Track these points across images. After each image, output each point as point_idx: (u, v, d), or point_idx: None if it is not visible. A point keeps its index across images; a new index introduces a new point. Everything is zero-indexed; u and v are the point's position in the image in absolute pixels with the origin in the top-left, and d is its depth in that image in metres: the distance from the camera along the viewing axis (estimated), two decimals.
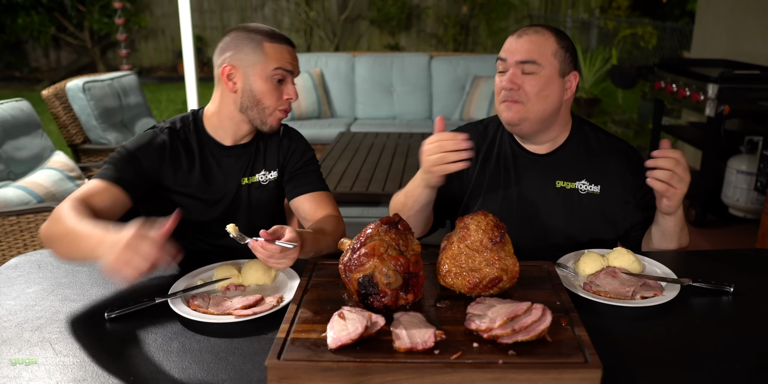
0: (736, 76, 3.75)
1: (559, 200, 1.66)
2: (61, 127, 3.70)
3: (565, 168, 1.67)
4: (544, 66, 1.56)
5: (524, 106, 1.57)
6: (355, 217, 3.13)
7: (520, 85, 1.56)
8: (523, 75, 1.56)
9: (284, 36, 1.64)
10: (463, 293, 1.28)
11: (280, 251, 1.33)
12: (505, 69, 1.60)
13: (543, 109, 1.58)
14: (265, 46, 1.59)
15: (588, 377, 0.99)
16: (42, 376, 1.08)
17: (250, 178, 1.72)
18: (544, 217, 1.67)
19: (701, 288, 1.38)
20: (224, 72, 1.60)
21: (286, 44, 1.62)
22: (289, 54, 1.62)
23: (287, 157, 1.76)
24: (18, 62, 9.89)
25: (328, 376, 1.00)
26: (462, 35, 9.68)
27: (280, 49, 1.60)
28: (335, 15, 9.69)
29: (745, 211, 3.82)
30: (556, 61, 1.57)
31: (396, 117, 5.55)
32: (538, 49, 1.56)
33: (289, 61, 1.62)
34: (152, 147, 1.61)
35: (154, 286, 1.40)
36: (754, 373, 1.10)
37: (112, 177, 1.53)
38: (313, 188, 1.74)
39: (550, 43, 1.57)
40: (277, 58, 1.60)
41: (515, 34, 1.60)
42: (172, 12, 9.77)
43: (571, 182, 1.66)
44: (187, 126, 1.67)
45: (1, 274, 1.50)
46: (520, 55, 1.56)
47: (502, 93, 1.59)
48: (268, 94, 1.61)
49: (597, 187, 1.66)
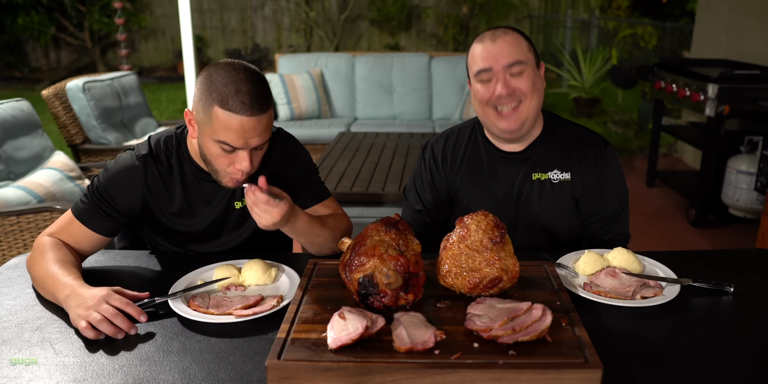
0: (736, 76, 3.75)
1: (534, 192, 1.69)
2: (61, 127, 3.71)
3: (538, 161, 1.70)
4: (527, 62, 1.58)
5: (522, 106, 1.59)
6: (355, 217, 3.13)
7: (515, 88, 1.57)
8: (512, 77, 1.57)
9: (245, 101, 1.33)
10: (463, 293, 1.28)
11: (265, 202, 1.32)
12: (490, 78, 1.58)
13: (537, 104, 1.61)
14: (215, 110, 1.34)
15: (588, 377, 0.99)
16: (42, 376, 1.08)
17: (242, 200, 1.61)
18: (524, 210, 1.70)
19: (701, 288, 1.38)
20: (186, 115, 1.46)
21: (242, 114, 1.33)
22: (240, 127, 1.34)
23: (283, 172, 1.65)
24: (18, 62, 9.89)
25: (328, 376, 1.00)
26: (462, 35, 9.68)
27: (229, 119, 1.34)
28: (335, 15, 9.69)
29: (745, 211, 3.82)
30: (531, 55, 1.59)
31: (396, 117, 5.55)
32: (517, 49, 1.57)
33: (237, 136, 1.35)
34: (127, 182, 1.52)
35: (154, 287, 1.40)
36: (754, 373, 1.10)
37: (86, 218, 1.51)
38: (315, 200, 1.67)
39: (521, 40, 1.59)
40: (222, 130, 1.35)
41: (485, 40, 1.59)
42: (172, 12, 9.77)
43: (544, 173, 1.69)
44: (170, 149, 1.56)
45: (1, 274, 1.50)
46: (505, 58, 1.56)
47: (496, 101, 1.58)
48: (217, 159, 1.42)
49: (567, 174, 1.69)
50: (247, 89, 1.34)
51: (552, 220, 1.70)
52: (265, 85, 1.39)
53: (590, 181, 1.68)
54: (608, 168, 1.69)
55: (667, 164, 5.43)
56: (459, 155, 1.76)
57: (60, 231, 1.51)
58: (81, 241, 1.51)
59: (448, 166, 1.75)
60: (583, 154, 1.68)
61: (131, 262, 1.57)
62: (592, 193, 1.69)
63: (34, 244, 1.48)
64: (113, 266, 1.56)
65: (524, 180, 1.69)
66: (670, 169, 5.25)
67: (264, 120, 1.37)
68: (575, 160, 1.68)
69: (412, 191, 1.82)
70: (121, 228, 1.57)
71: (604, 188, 1.69)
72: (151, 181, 1.54)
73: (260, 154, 1.46)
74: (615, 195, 1.71)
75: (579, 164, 1.68)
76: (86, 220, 1.51)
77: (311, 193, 1.68)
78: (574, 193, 1.69)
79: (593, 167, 1.68)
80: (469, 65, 1.63)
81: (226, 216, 1.63)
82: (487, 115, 1.63)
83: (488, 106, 1.61)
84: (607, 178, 1.69)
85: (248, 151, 1.40)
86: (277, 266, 1.47)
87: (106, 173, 1.54)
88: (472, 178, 1.73)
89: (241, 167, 1.41)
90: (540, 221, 1.70)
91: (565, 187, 1.68)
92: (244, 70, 1.37)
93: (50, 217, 2.50)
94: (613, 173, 1.70)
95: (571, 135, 1.71)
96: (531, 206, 1.69)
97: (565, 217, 1.70)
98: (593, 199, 1.70)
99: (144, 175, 1.53)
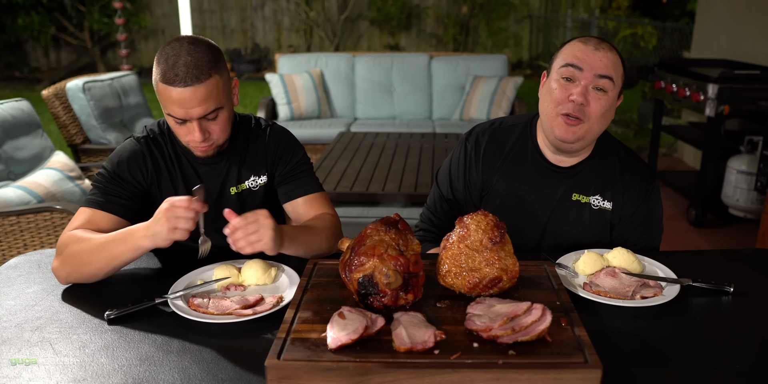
0: (736, 76, 3.75)
1: (571, 212, 1.64)
2: (61, 127, 3.70)
3: (582, 182, 1.64)
4: (616, 85, 1.49)
5: (584, 125, 1.50)
6: (355, 217, 3.13)
7: (590, 102, 1.48)
8: (594, 90, 1.48)
9: (179, 73, 1.37)
10: (463, 293, 1.28)
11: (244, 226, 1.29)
12: (575, 78, 1.49)
13: (599, 130, 1.53)
14: (158, 85, 1.41)
15: (588, 377, 0.99)
16: (42, 376, 1.08)
17: (239, 186, 1.65)
18: (555, 228, 1.66)
19: (701, 288, 1.38)
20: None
21: (176, 85, 1.38)
22: (178, 98, 1.39)
23: (275, 161, 1.68)
24: (18, 62, 9.89)
25: (328, 376, 1.00)
26: (462, 35, 9.68)
27: (166, 91, 1.40)
28: (335, 15, 9.69)
29: (745, 211, 3.82)
30: (620, 82, 1.52)
31: (396, 117, 5.55)
32: (615, 66, 1.48)
33: (178, 107, 1.40)
34: (131, 160, 1.56)
35: (154, 287, 1.40)
36: (753, 373, 1.10)
37: (101, 203, 1.51)
38: (305, 191, 1.67)
39: (620, 63, 1.51)
40: (166, 103, 1.42)
41: (588, 43, 1.50)
42: (172, 12, 9.77)
43: (586, 196, 1.64)
44: (164, 133, 1.61)
45: (1, 274, 1.50)
46: (600, 69, 1.47)
47: (567, 105, 1.49)
48: (176, 132, 1.50)
49: (609, 203, 1.64)
50: (183, 61, 1.38)
51: (579, 240, 1.65)
52: (206, 56, 1.41)
53: (628, 212, 1.63)
54: (649, 204, 1.64)
55: (667, 164, 5.43)
56: (503, 154, 1.67)
57: (80, 225, 1.48)
58: (103, 229, 1.48)
59: (489, 163, 1.68)
60: (628, 184, 1.63)
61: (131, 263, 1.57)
62: (627, 224, 1.65)
63: (57, 244, 1.45)
64: None
65: (563, 197, 1.64)
66: (670, 169, 5.26)
67: (201, 90, 1.40)
68: (619, 190, 1.63)
69: (445, 177, 1.75)
70: (136, 212, 1.56)
71: (639, 222, 1.64)
72: (155, 159, 1.59)
73: (216, 125, 1.48)
74: (648, 231, 1.66)
75: (622, 194, 1.63)
76: (103, 206, 1.50)
77: (300, 184, 1.68)
78: (613, 223, 1.65)
79: (635, 199, 1.63)
80: (557, 58, 1.53)
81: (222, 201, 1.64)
82: (552, 115, 1.52)
83: (558, 106, 1.50)
84: (645, 215, 1.64)
85: (196, 122, 1.44)
86: (277, 266, 1.47)
87: (111, 160, 1.58)
88: (510, 180, 1.66)
89: (192, 138, 1.47)
90: (569, 240, 1.65)
91: (604, 216, 1.64)
92: (189, 43, 1.42)
93: (50, 217, 2.50)
94: (651, 211, 1.65)
95: (622, 161, 1.65)
96: (562, 224, 1.65)
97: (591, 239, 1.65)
98: (626, 230, 1.65)
99: (149, 154, 1.58)
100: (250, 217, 1.31)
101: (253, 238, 1.30)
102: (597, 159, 1.64)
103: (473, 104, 5.23)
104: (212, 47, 1.46)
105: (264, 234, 1.31)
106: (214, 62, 1.43)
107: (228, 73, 1.51)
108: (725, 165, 3.87)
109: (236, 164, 1.65)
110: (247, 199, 1.68)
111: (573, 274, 1.44)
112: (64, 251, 1.41)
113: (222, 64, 1.46)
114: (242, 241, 1.30)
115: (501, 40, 9.76)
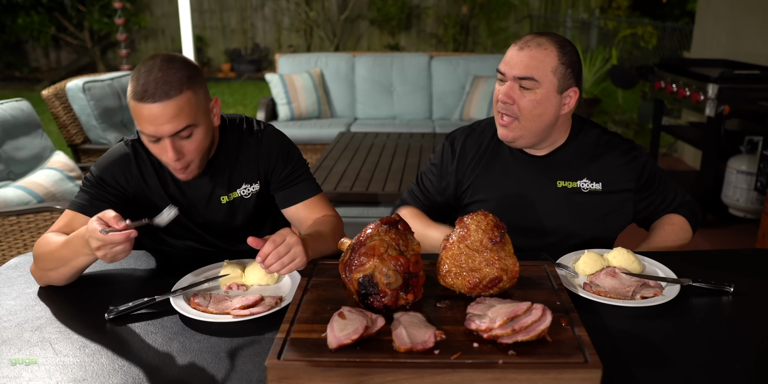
0: (736, 76, 3.75)
1: (561, 200, 1.66)
2: (61, 127, 3.70)
3: (565, 168, 1.66)
4: (542, 83, 1.53)
5: (519, 124, 1.57)
6: (355, 217, 3.13)
7: (515, 100, 1.55)
8: (520, 90, 1.54)
9: (148, 90, 1.34)
10: (463, 293, 1.28)
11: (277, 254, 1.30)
12: (504, 80, 1.57)
13: (536, 126, 1.58)
14: (130, 103, 1.38)
15: (588, 377, 0.99)
16: (42, 376, 1.08)
17: (230, 194, 1.62)
18: (545, 217, 1.67)
19: (701, 288, 1.38)
20: None
21: (145, 102, 1.35)
22: (148, 114, 1.36)
23: (270, 168, 1.64)
24: (18, 62, 9.89)
25: (328, 376, 1.00)
26: (462, 35, 9.68)
27: (137, 108, 1.37)
28: (335, 15, 9.69)
29: (745, 211, 3.82)
30: (555, 78, 1.54)
31: (396, 117, 5.55)
32: (537, 65, 1.52)
33: (148, 124, 1.37)
34: (116, 165, 1.55)
35: (154, 286, 1.39)
36: (754, 373, 1.10)
37: (83, 206, 1.51)
38: (305, 196, 1.66)
39: (551, 59, 1.53)
40: (138, 120, 1.39)
41: (518, 43, 1.56)
42: (172, 12, 9.77)
43: (573, 181, 1.66)
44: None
45: (1, 274, 1.50)
46: (518, 70, 1.53)
47: (499, 104, 1.59)
48: (153, 150, 1.46)
49: (599, 184, 1.66)
50: (154, 77, 1.35)
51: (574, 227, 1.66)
52: (179, 73, 1.37)
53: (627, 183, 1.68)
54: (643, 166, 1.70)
55: (667, 164, 5.43)
56: (480, 150, 1.72)
57: (60, 228, 1.50)
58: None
59: (465, 160, 1.72)
60: (610, 158, 1.67)
61: (131, 263, 1.57)
62: (640, 192, 1.71)
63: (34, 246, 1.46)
64: (113, 266, 1.55)
65: (548, 185, 1.66)
66: (670, 169, 5.25)
67: (171, 106, 1.35)
68: (603, 167, 1.66)
69: (429, 172, 1.79)
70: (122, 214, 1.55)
71: (648, 184, 1.72)
72: (142, 162, 1.56)
73: (191, 144, 1.43)
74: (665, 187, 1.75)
75: (608, 170, 1.67)
76: (85, 209, 1.50)
77: (299, 190, 1.67)
78: (607, 203, 1.67)
79: (623, 170, 1.68)
80: None
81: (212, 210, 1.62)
82: (495, 112, 1.62)
83: (496, 104, 1.60)
84: (648, 175, 1.71)
85: (168, 139, 1.39)
86: None
87: (98, 163, 1.58)
88: (488, 175, 1.70)
89: (166, 158, 1.43)
90: (566, 230, 1.66)
91: (600, 198, 1.66)
92: (162, 60, 1.39)
93: (50, 217, 2.50)
94: (651, 170, 1.72)
95: (600, 141, 1.69)
96: (554, 214, 1.66)
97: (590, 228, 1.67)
98: (645, 198, 1.73)
99: (135, 158, 1.56)
100: (277, 240, 1.32)
101: (286, 260, 1.32)
102: (573, 143, 1.68)
103: (473, 104, 5.23)
104: (188, 64, 1.42)
105: (296, 253, 1.33)
106: (186, 79, 1.38)
107: (205, 91, 1.47)
108: (725, 165, 3.86)
109: (227, 172, 1.62)
110: (239, 207, 1.65)
111: (573, 274, 1.44)
112: (35, 254, 1.43)
113: (197, 82, 1.42)
114: (276, 266, 1.32)
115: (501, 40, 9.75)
